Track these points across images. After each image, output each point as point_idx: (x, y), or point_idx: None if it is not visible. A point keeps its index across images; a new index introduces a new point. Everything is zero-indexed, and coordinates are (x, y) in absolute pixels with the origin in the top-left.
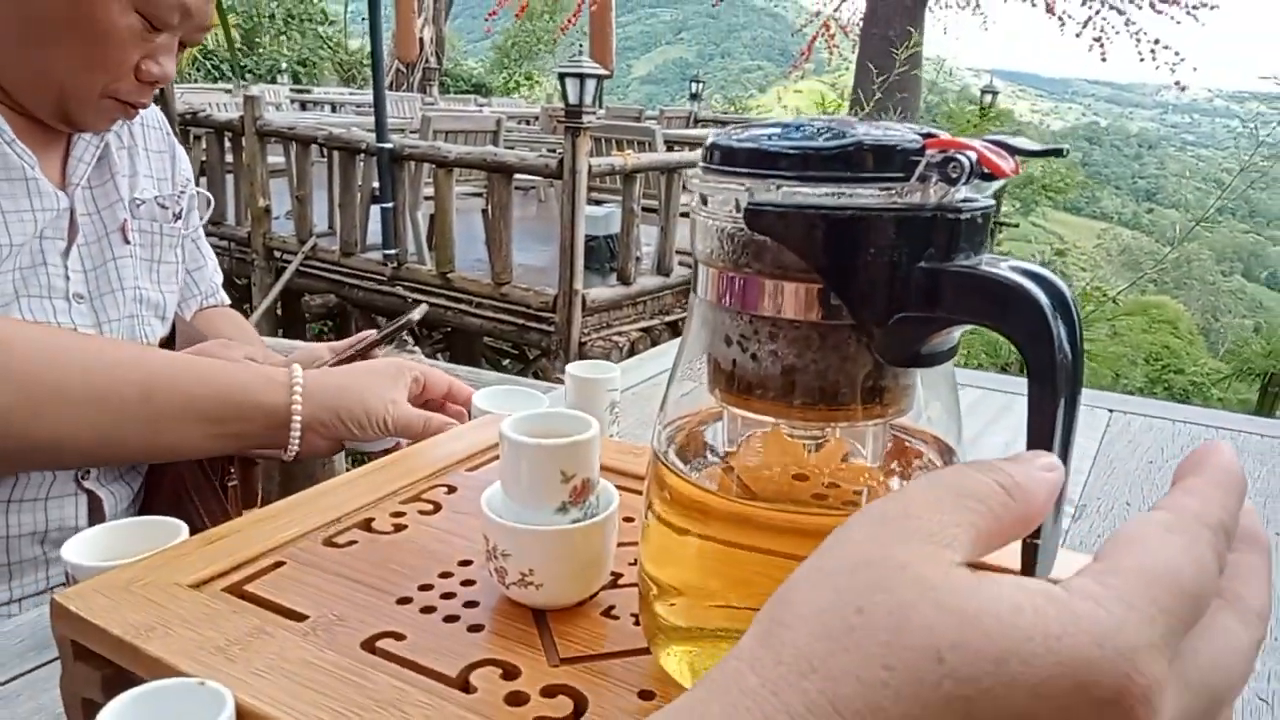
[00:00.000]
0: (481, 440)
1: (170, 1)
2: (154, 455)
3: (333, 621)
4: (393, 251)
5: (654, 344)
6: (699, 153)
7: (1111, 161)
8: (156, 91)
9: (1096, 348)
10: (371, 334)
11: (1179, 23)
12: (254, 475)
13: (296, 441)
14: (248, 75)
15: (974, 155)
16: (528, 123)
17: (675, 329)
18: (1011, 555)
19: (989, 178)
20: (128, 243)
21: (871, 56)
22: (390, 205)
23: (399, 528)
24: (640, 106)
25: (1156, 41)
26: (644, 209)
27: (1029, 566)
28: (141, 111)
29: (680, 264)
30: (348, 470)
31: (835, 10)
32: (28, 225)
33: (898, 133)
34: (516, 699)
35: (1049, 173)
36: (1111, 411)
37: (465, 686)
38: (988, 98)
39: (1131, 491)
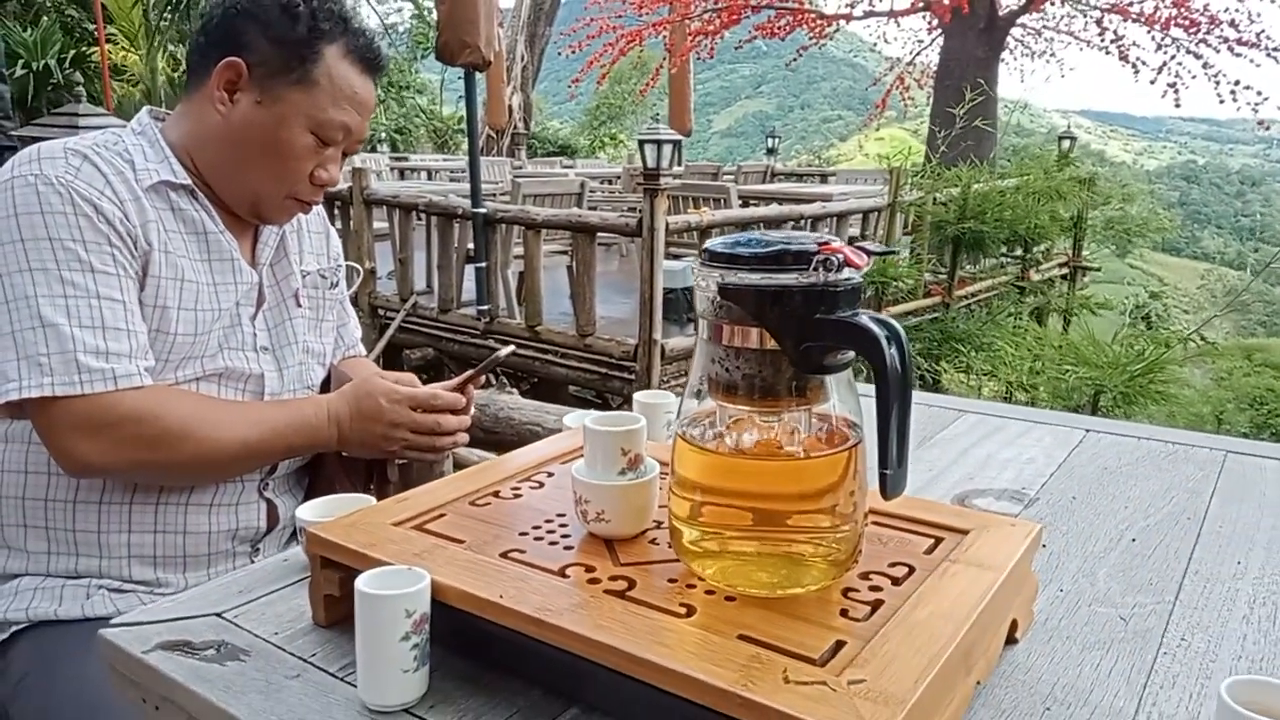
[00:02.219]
0: (569, 445)
1: (336, 123)
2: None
3: (481, 544)
4: (486, 307)
5: None
6: (771, 207)
7: (1211, 200)
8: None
9: (1193, 394)
10: (469, 373)
11: (1259, 65)
12: (385, 476)
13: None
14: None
15: (842, 255)
16: (610, 182)
17: None
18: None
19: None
20: (300, 306)
21: (945, 106)
22: (484, 265)
23: (517, 494)
24: (718, 163)
25: (1237, 83)
26: None
27: (884, 489)
28: None
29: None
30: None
31: (909, 62)
32: (231, 295)
33: (806, 242)
34: (593, 581)
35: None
36: (1087, 431)
37: (562, 574)
38: (1065, 143)
39: (1079, 489)
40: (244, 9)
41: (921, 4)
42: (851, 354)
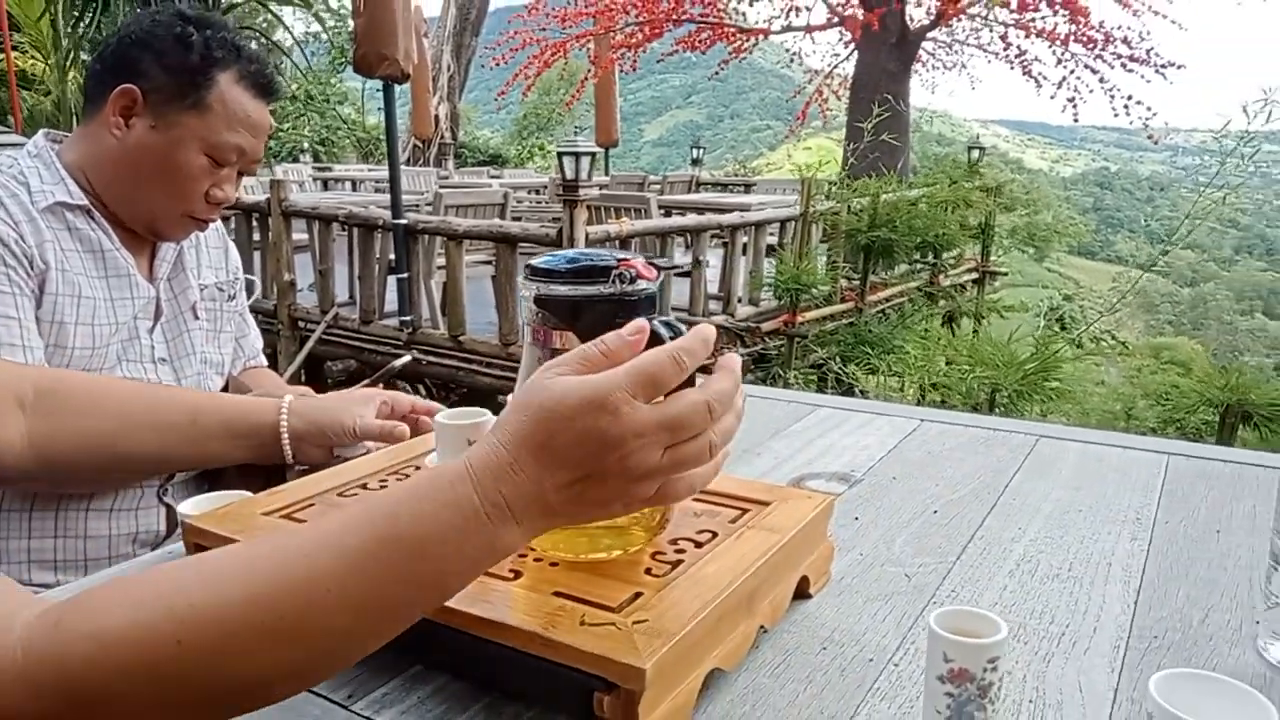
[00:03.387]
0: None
1: (230, 145)
2: (199, 462)
3: None
4: (409, 318)
5: None
6: (692, 216)
7: (1124, 205)
8: None
9: (1106, 391)
10: (365, 383)
11: (1149, 81)
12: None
13: (288, 449)
14: (272, 157)
15: (635, 269)
16: (538, 192)
17: None
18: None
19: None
20: (197, 318)
21: (859, 118)
22: (406, 275)
23: (383, 485)
24: (644, 173)
25: (1130, 97)
26: None
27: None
28: None
29: (676, 320)
30: None
31: (827, 75)
32: (128, 309)
33: (607, 257)
34: None
35: (1057, 216)
36: (921, 421)
37: None
38: (975, 153)
39: (901, 471)
40: (139, 38)
41: (836, 20)
42: None
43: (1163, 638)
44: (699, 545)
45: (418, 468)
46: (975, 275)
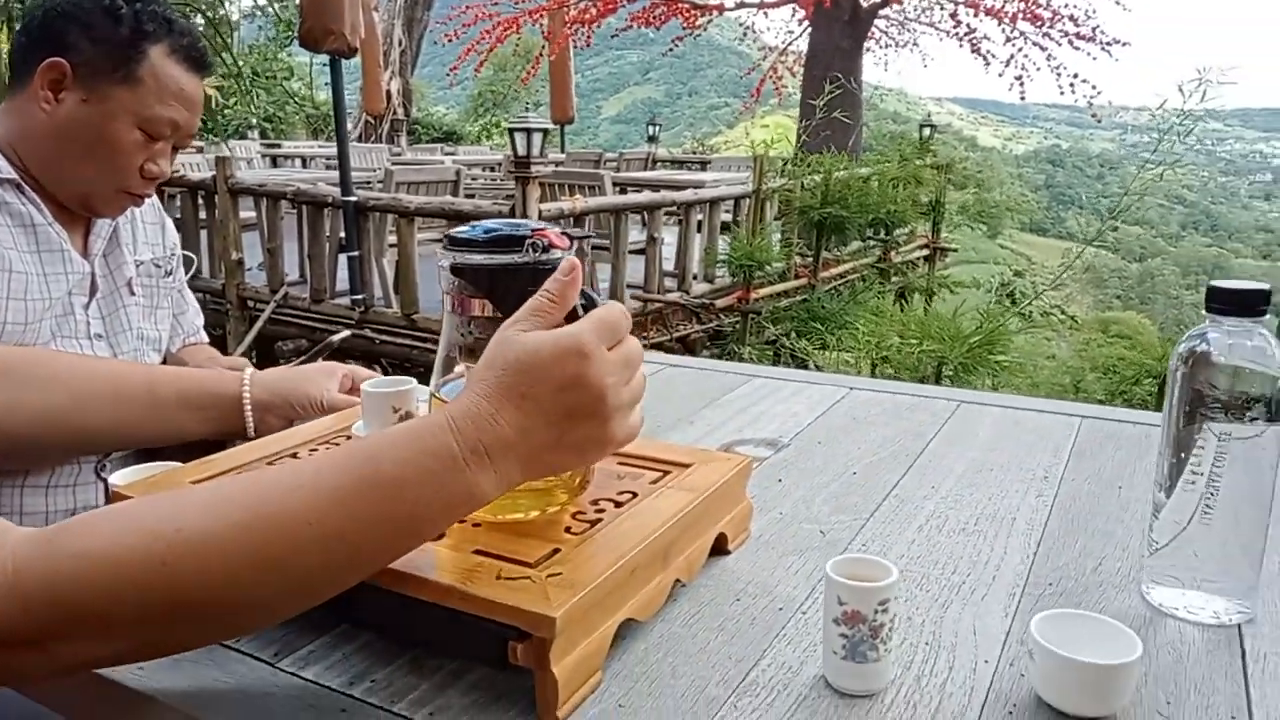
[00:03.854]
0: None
1: (164, 119)
2: (158, 437)
3: None
4: (360, 297)
5: None
6: (646, 193)
7: (1075, 182)
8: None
9: (1056, 365)
10: (299, 360)
11: (1095, 59)
12: None
13: (250, 420)
14: (219, 133)
15: (547, 239)
16: (493, 169)
17: None
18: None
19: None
20: (134, 294)
21: (813, 95)
22: (356, 254)
23: (313, 454)
24: (600, 150)
25: (1075, 75)
26: (598, 248)
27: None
28: None
29: (632, 298)
30: None
31: (781, 52)
32: (61, 284)
33: (523, 227)
34: None
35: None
36: (850, 389)
37: None
38: (926, 131)
39: (826, 436)
40: (65, 11)
41: None
42: None
43: (1056, 585)
44: (619, 505)
45: (348, 437)
46: (926, 252)
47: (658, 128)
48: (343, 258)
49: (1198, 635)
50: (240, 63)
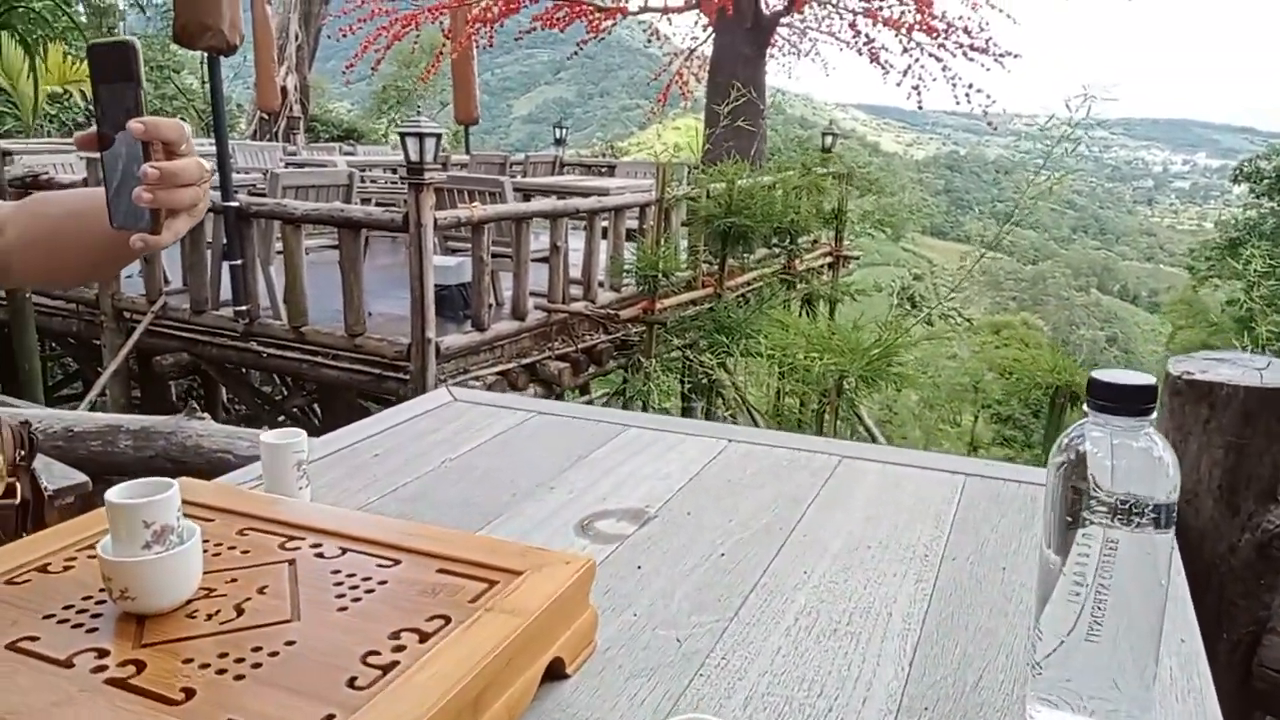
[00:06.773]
0: None
1: None
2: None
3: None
4: (244, 307)
5: (512, 387)
6: (548, 200)
7: (972, 187)
8: None
9: (957, 364)
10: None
11: (988, 69)
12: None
13: None
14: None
15: None
16: (394, 171)
17: (532, 371)
18: None
19: None
20: None
21: (717, 101)
22: (239, 262)
23: (69, 566)
24: (506, 153)
25: (970, 85)
26: (500, 255)
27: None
28: None
29: (536, 307)
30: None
31: (686, 57)
32: None
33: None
34: (99, 669)
35: (911, 201)
36: (729, 442)
37: (68, 664)
38: (829, 139)
39: (696, 504)
40: None
41: (694, 2)
42: None
43: (934, 708)
44: (424, 639)
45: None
46: (830, 259)
47: (565, 130)
48: (226, 266)
49: None
50: None
